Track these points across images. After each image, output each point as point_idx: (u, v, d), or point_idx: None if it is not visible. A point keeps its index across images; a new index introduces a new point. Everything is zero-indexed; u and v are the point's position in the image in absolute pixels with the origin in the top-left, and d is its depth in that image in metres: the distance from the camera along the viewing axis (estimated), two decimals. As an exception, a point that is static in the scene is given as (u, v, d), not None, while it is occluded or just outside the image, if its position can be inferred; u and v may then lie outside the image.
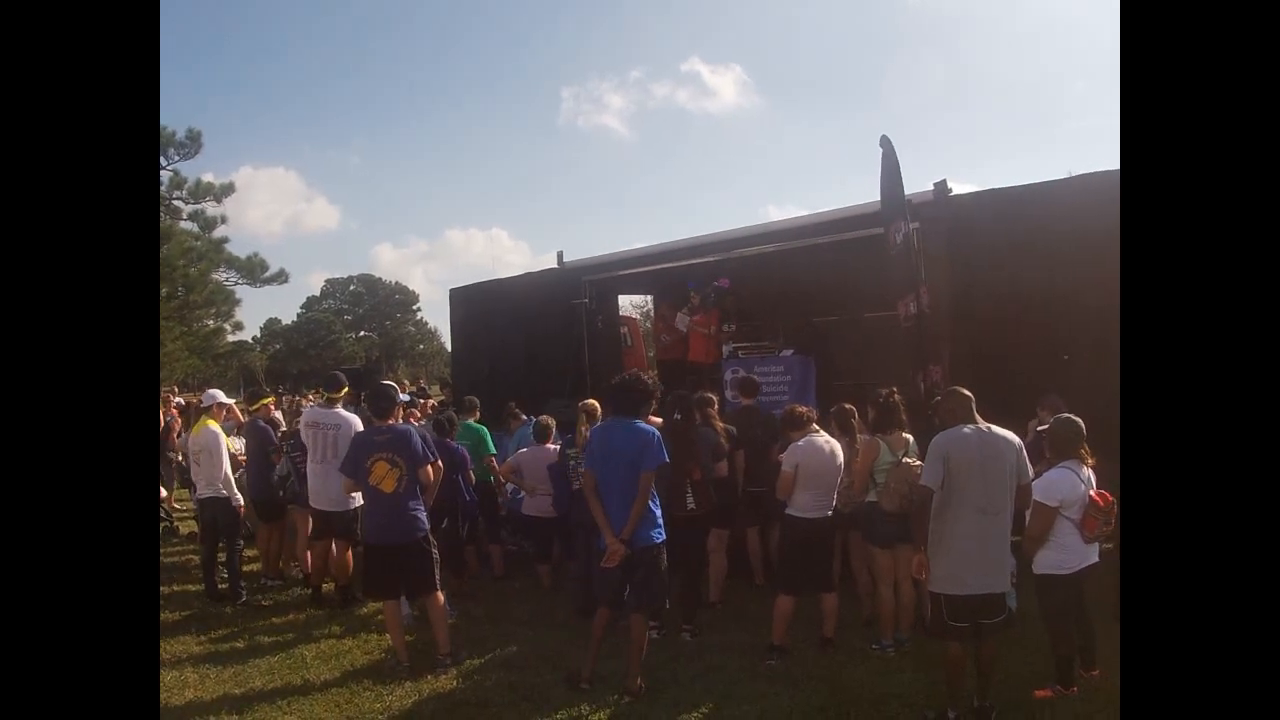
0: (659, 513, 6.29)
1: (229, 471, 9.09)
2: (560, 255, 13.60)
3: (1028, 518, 5.66)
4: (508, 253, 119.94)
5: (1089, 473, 5.70)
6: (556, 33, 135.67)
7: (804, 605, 6.80)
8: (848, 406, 7.56)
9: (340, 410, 8.73)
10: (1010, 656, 6.01)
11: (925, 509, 5.38)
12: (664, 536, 6.28)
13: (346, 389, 9.17)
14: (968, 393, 5.57)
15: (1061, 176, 8.68)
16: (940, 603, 5.40)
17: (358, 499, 7.94)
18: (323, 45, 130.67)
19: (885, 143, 8.90)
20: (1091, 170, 8.07)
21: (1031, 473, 5.56)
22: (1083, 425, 5.82)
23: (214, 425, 9.24)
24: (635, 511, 6.07)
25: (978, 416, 5.46)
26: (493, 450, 9.63)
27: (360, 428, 8.31)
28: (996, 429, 5.45)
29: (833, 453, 6.84)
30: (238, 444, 10.09)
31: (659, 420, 7.19)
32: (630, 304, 15.53)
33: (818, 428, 6.99)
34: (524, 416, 10.55)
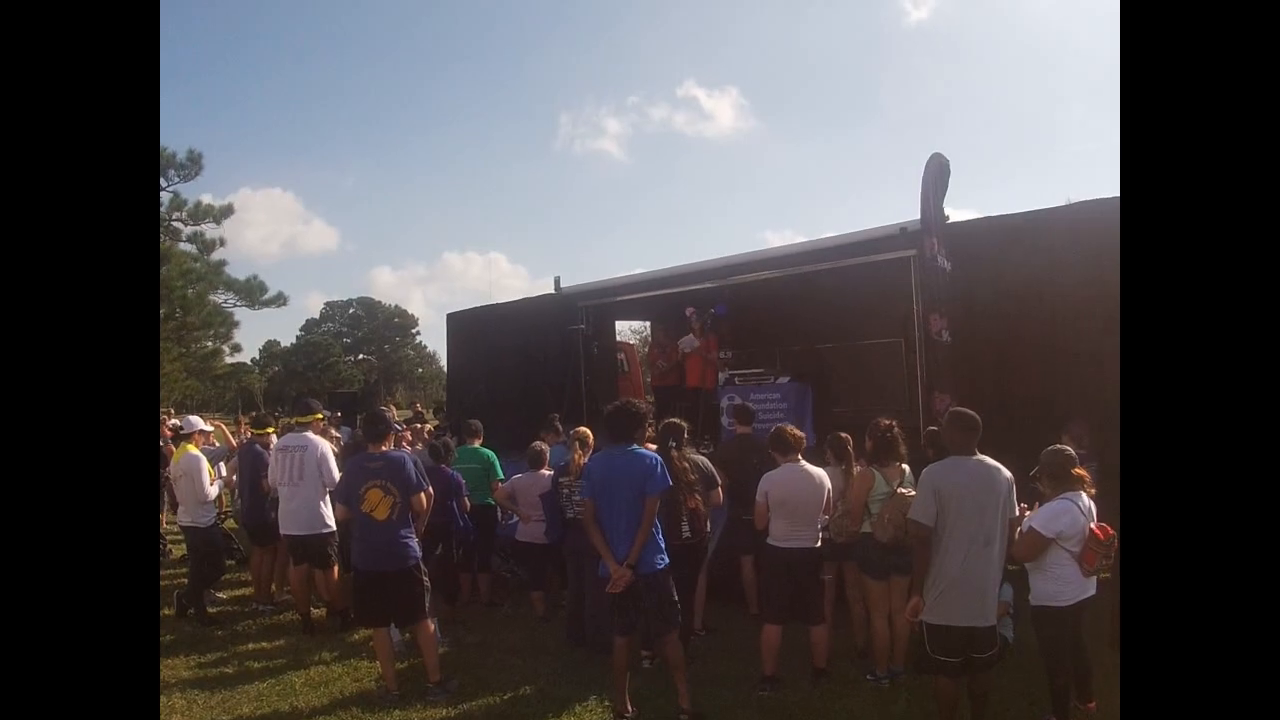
0: (662, 540, 6.27)
1: (210, 494, 9.12)
2: (558, 280, 13.63)
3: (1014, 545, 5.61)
4: (505, 277, 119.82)
5: (1089, 503, 5.65)
6: (553, 56, 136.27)
7: (797, 636, 6.75)
8: (843, 435, 7.51)
9: (309, 434, 8.75)
10: (1007, 687, 5.98)
11: (925, 546, 5.35)
12: (667, 562, 6.26)
13: (319, 415, 9.19)
14: (975, 417, 5.51)
15: (1061, 204, 8.75)
16: (925, 635, 5.36)
17: (330, 522, 7.96)
18: (320, 66, 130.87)
19: (938, 159, 8.96)
20: (1090, 198, 8.12)
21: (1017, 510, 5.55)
22: (1073, 454, 5.78)
23: (194, 450, 9.28)
24: (640, 537, 6.04)
25: (975, 448, 5.43)
26: (501, 475, 9.53)
27: (326, 450, 8.47)
28: (989, 460, 5.41)
29: (814, 482, 6.78)
30: (223, 468, 10.09)
31: (654, 447, 7.16)
32: (628, 329, 15.51)
33: (799, 456, 6.93)
34: (560, 431, 10.26)
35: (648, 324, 16.59)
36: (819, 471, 6.89)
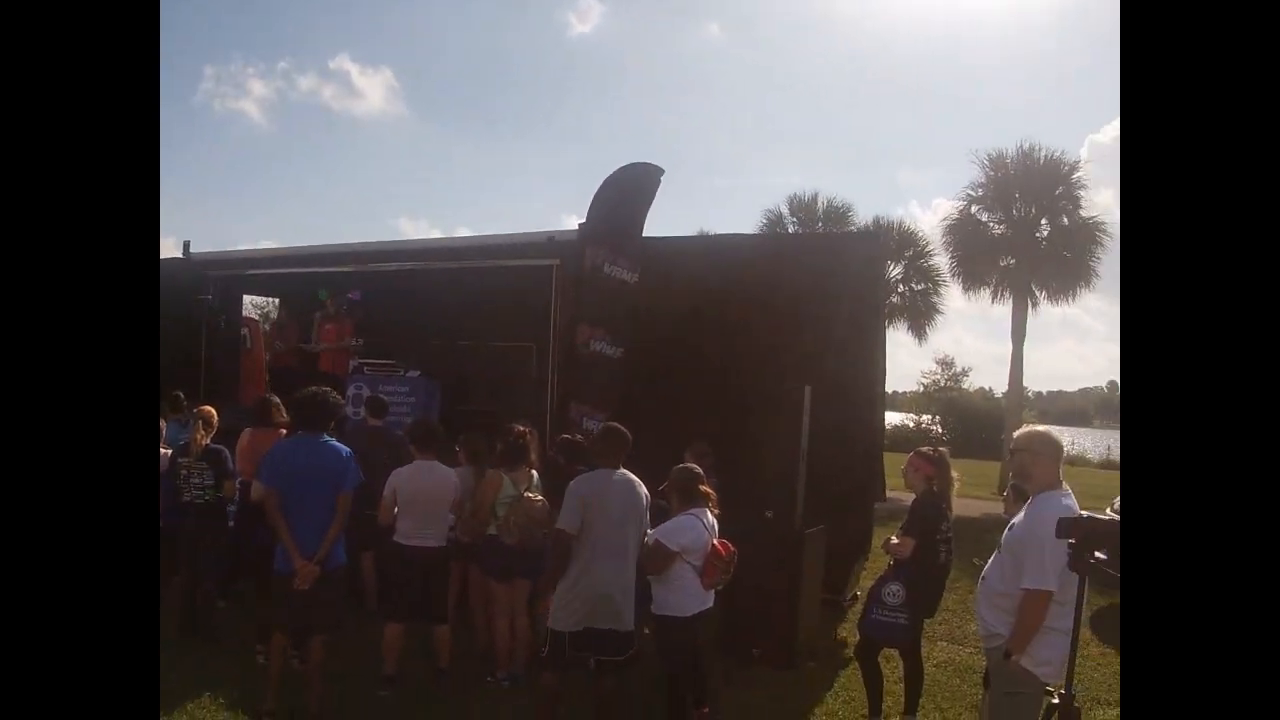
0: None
1: None
2: (187, 245, 12.77)
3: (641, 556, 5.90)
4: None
5: (713, 520, 5.98)
6: (205, 3, 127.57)
7: (419, 636, 6.77)
8: (476, 435, 7.60)
9: None
10: (625, 692, 6.19)
11: (563, 552, 5.51)
12: (345, 558, 6.13)
13: None
14: (625, 433, 5.78)
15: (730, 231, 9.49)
16: (565, 640, 5.50)
17: None
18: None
19: (641, 168, 9.15)
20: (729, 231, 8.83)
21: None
22: (700, 472, 6.18)
23: None
24: (333, 533, 5.90)
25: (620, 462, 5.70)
26: None
27: None
28: (630, 475, 5.70)
29: (444, 480, 6.86)
30: None
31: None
32: (251, 304, 14.79)
33: (435, 454, 6.97)
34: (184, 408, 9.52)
35: (270, 301, 15.89)
36: (447, 470, 6.95)
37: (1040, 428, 4.97)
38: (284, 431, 7.35)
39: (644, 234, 9.64)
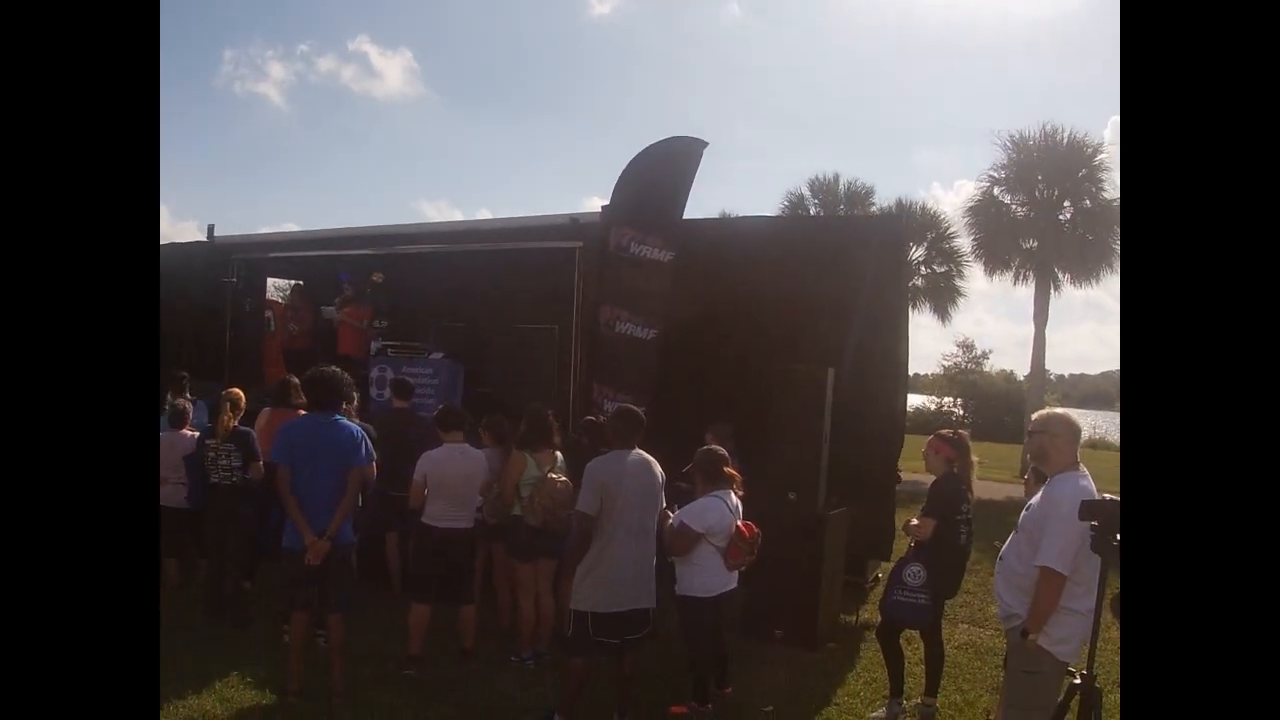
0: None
1: None
2: (211, 229, 12.84)
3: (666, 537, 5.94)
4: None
5: (737, 501, 6.05)
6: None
7: (443, 616, 6.83)
8: (500, 417, 7.65)
9: None
10: (648, 671, 6.30)
11: (585, 534, 5.58)
12: (353, 536, 6.21)
13: None
14: (640, 414, 5.83)
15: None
16: (587, 620, 5.55)
17: None
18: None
19: (680, 143, 9.08)
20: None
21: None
22: (724, 453, 6.21)
23: None
24: (343, 510, 5.97)
25: (636, 443, 5.74)
26: None
27: None
28: (646, 455, 5.75)
29: (474, 463, 6.92)
30: None
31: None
32: (274, 287, 14.87)
33: (463, 435, 7.04)
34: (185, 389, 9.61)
35: (292, 284, 15.99)
36: (478, 453, 7.01)
37: (1058, 410, 4.99)
38: (302, 412, 7.42)
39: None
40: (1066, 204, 25.03)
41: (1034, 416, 4.93)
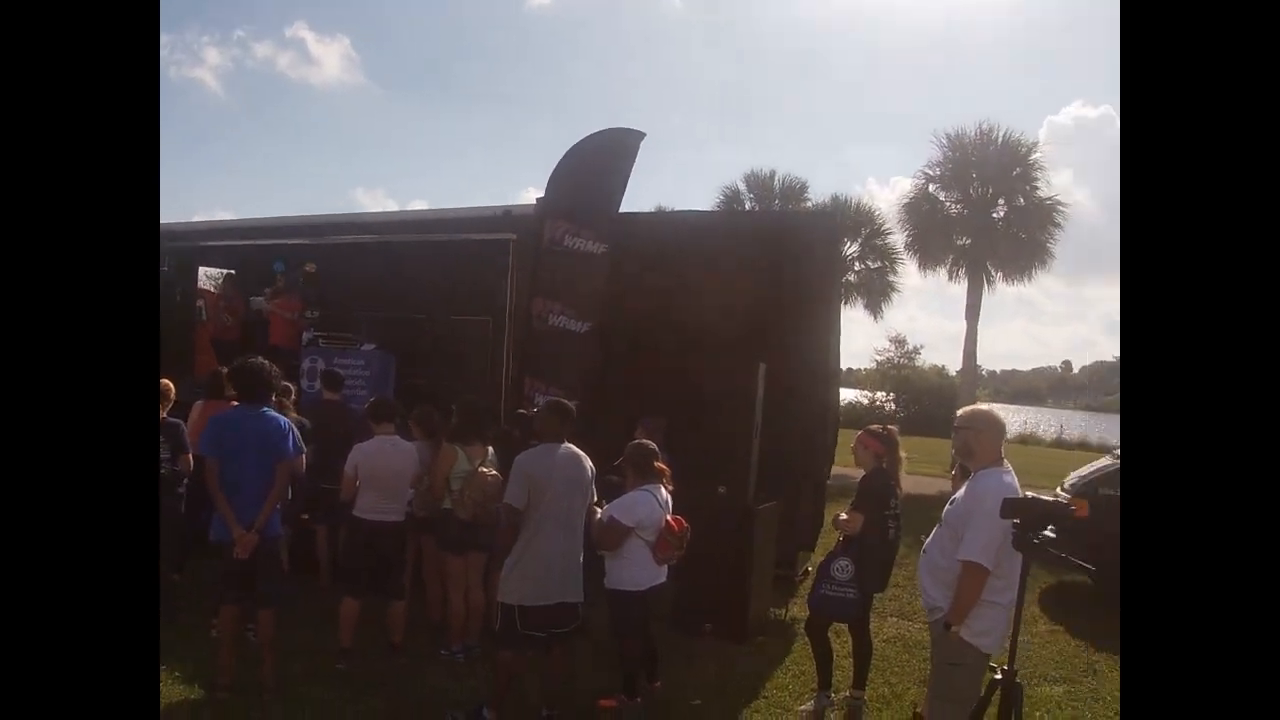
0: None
1: None
2: (144, 217, 12.56)
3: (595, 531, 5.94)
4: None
5: (667, 496, 6.06)
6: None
7: (373, 610, 6.78)
8: (430, 409, 7.59)
9: None
10: (578, 666, 6.29)
11: (512, 527, 5.54)
12: (280, 529, 6.16)
13: None
14: (569, 407, 5.84)
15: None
16: (515, 614, 5.52)
17: None
18: None
19: (615, 135, 9.00)
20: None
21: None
22: (654, 448, 6.22)
23: None
24: (271, 502, 5.91)
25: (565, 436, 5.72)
26: None
27: None
28: (575, 449, 5.74)
29: (405, 455, 6.87)
30: None
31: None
32: (205, 276, 14.61)
33: (394, 428, 6.98)
34: None
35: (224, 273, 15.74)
36: (409, 445, 6.95)
37: (983, 406, 5.07)
38: (236, 404, 7.30)
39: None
40: (1001, 202, 25.41)
41: (959, 412, 5.00)
